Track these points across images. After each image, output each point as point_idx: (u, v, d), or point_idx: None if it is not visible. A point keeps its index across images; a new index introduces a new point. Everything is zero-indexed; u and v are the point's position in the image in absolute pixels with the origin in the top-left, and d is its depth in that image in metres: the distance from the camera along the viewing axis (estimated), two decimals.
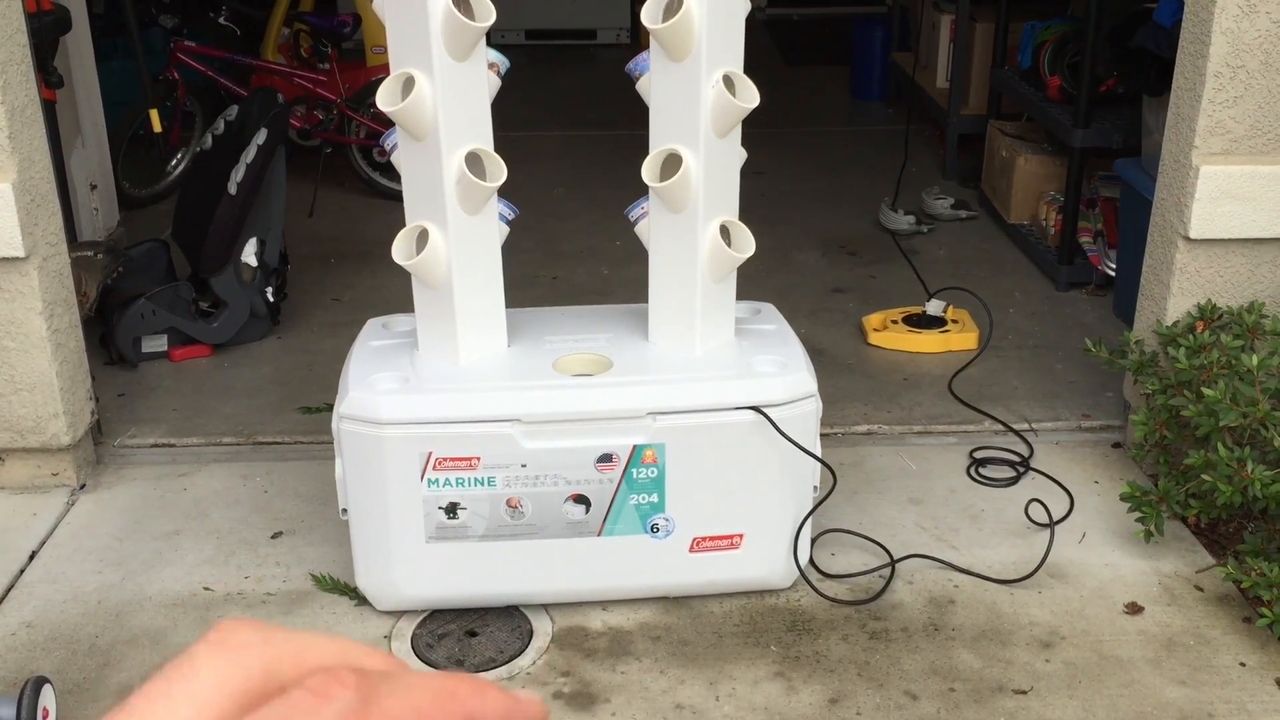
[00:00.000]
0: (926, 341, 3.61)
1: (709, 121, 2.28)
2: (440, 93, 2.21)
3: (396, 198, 5.16)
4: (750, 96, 2.27)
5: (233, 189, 3.48)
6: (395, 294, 4.05)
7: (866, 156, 5.59)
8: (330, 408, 3.31)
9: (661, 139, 2.34)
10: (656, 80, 2.32)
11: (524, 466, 2.33)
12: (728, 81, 2.27)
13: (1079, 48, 4.01)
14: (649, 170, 2.34)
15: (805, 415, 2.40)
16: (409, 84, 2.22)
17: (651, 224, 2.43)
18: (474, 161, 2.30)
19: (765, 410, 2.34)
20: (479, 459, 2.32)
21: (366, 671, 0.37)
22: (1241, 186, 2.67)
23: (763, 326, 2.59)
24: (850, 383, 3.44)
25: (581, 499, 2.37)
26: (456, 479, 2.33)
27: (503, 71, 2.35)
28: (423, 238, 2.35)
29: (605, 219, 4.77)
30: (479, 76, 2.27)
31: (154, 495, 2.92)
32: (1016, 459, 3.03)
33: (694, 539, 2.43)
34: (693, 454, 2.36)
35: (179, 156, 4.97)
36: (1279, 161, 2.68)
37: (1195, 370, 2.61)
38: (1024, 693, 2.27)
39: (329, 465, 3.00)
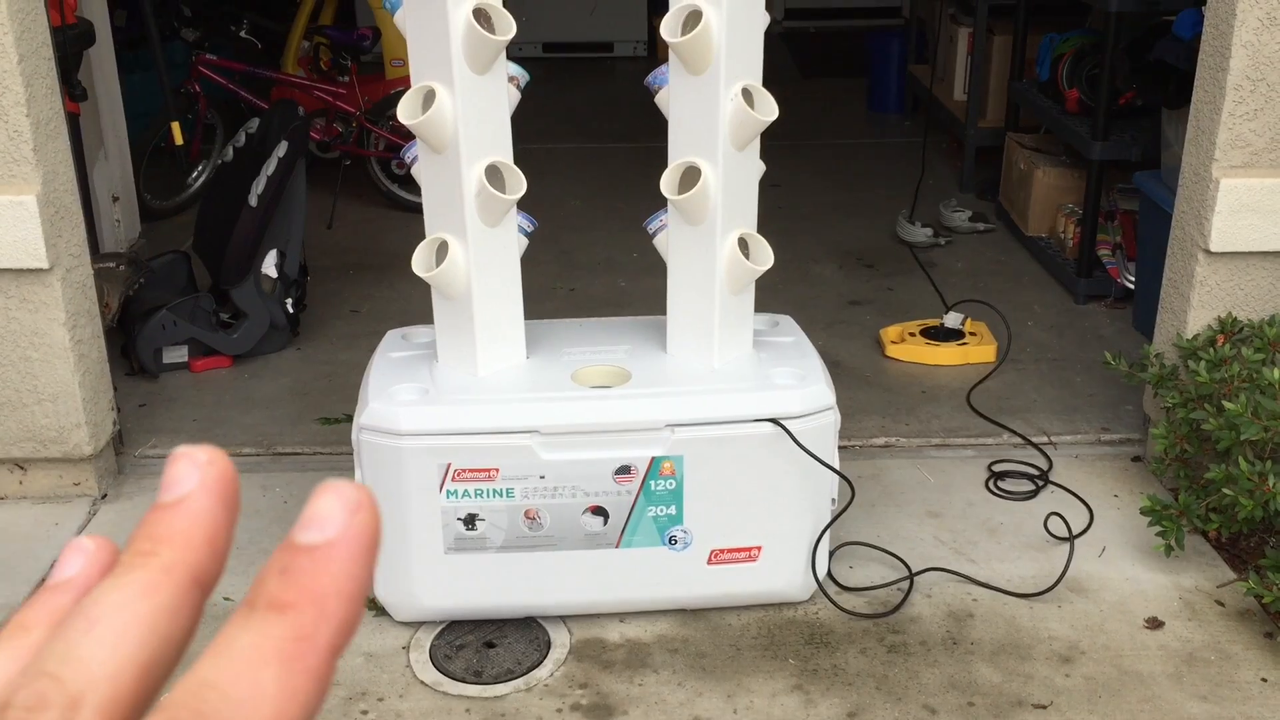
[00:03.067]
0: (944, 354, 3.61)
1: (728, 134, 2.29)
2: (461, 106, 2.22)
3: (415, 210, 5.19)
4: (769, 110, 2.28)
5: (253, 201, 3.51)
6: (414, 305, 4.07)
7: (883, 169, 5.59)
8: (350, 419, 3.32)
9: (680, 152, 2.35)
10: (675, 93, 2.33)
11: (542, 478, 2.34)
12: (746, 94, 2.27)
13: (1097, 60, 4.00)
14: (668, 183, 2.35)
15: (824, 427, 2.40)
16: (430, 97, 2.24)
17: (670, 236, 2.44)
18: (493, 174, 2.31)
19: (783, 422, 2.34)
20: (498, 470, 2.33)
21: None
22: (1262, 200, 2.66)
23: (781, 339, 2.59)
24: (868, 395, 3.44)
25: (600, 511, 2.37)
26: (475, 490, 2.34)
27: (522, 85, 2.37)
28: (442, 250, 2.36)
29: (622, 231, 4.78)
30: (499, 90, 2.29)
31: None
32: (1035, 472, 3.02)
33: (712, 551, 2.43)
34: (711, 466, 2.36)
35: (200, 169, 5.00)
36: None
37: (1216, 384, 2.60)
38: (1044, 707, 2.26)
39: (349, 476, 3.02)
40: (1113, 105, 3.86)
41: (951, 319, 3.70)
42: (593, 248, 4.65)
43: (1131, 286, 3.89)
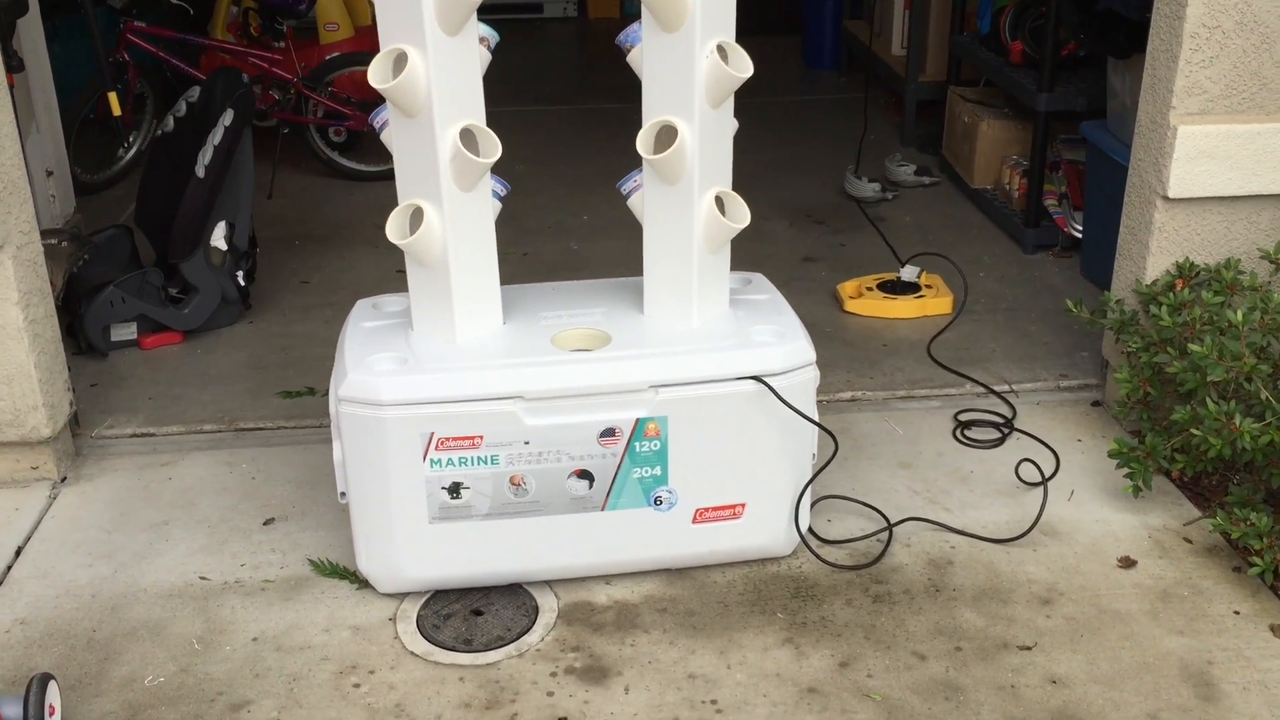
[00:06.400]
0: (902, 307, 3.64)
1: (703, 92, 2.27)
2: (433, 68, 2.18)
3: (357, 177, 5.12)
4: (744, 66, 2.27)
5: (201, 172, 3.41)
6: (364, 275, 4.01)
7: (824, 125, 5.62)
8: (311, 391, 3.28)
9: (655, 110, 2.33)
10: (649, 52, 2.30)
11: (527, 444, 2.32)
12: (721, 51, 2.26)
13: (1041, 12, 4.05)
14: (644, 142, 2.33)
15: (805, 383, 2.41)
16: (401, 60, 2.19)
17: (646, 196, 2.42)
18: (467, 137, 2.28)
19: (766, 379, 2.34)
20: (481, 438, 2.31)
21: None
22: (1218, 145, 2.72)
23: (756, 296, 2.60)
24: (831, 351, 3.46)
25: (585, 474, 2.36)
26: (459, 458, 2.32)
27: (492, 45, 2.33)
28: (417, 216, 2.32)
29: (569, 194, 4.75)
30: (471, 51, 2.25)
31: (138, 485, 2.87)
32: (1000, 420, 3.07)
33: (696, 510, 2.44)
34: (695, 425, 2.36)
35: (131, 140, 4.86)
36: (1254, 120, 2.73)
37: (1178, 327, 2.66)
38: (1028, 648, 2.31)
39: (315, 450, 2.98)
40: (1056, 56, 3.90)
41: (907, 272, 3.74)
42: (541, 212, 4.61)
43: (1079, 235, 3.96)
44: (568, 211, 4.61)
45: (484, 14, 2.28)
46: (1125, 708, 2.16)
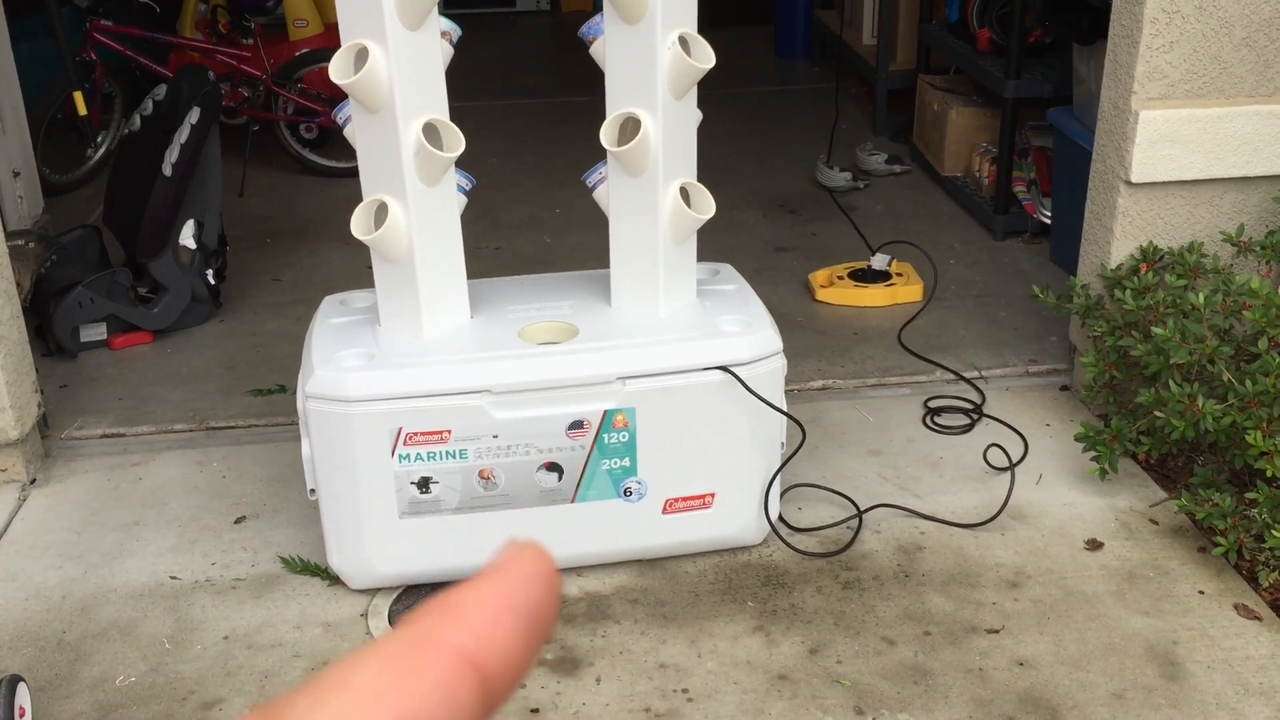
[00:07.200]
0: (873, 295, 3.66)
1: (666, 83, 2.28)
2: (395, 63, 2.18)
3: (328, 174, 5.10)
4: (706, 57, 2.28)
5: (168, 170, 3.40)
6: (335, 272, 4.00)
7: (796, 115, 5.63)
8: (282, 389, 3.28)
9: (618, 102, 2.33)
10: (611, 44, 2.31)
11: (495, 437, 2.32)
12: (683, 42, 2.26)
13: (1007, 0, 4.07)
14: (607, 134, 2.33)
15: (772, 372, 2.42)
16: (362, 55, 2.19)
17: (611, 189, 2.43)
18: (430, 132, 2.28)
19: (733, 369, 2.35)
20: (450, 432, 2.31)
21: (272, 704, 0.32)
22: (1179, 130, 2.74)
23: (723, 287, 2.61)
24: (802, 340, 3.47)
25: (554, 467, 2.37)
26: (428, 453, 2.32)
27: (455, 39, 2.33)
28: (381, 211, 2.32)
29: (542, 188, 4.75)
30: (433, 45, 2.24)
31: (108, 486, 2.86)
32: (969, 406, 3.09)
33: (666, 500, 2.45)
34: (663, 416, 2.37)
35: (100, 140, 4.83)
36: (1214, 104, 2.75)
37: (1142, 311, 2.68)
38: (996, 631, 2.33)
39: (286, 448, 2.98)
40: (1023, 43, 3.92)
41: (878, 261, 3.75)
42: (514, 205, 4.61)
43: (1048, 221, 3.98)
44: (541, 205, 4.61)
45: (459, 8, 2.28)
46: (1091, 688, 2.18)
